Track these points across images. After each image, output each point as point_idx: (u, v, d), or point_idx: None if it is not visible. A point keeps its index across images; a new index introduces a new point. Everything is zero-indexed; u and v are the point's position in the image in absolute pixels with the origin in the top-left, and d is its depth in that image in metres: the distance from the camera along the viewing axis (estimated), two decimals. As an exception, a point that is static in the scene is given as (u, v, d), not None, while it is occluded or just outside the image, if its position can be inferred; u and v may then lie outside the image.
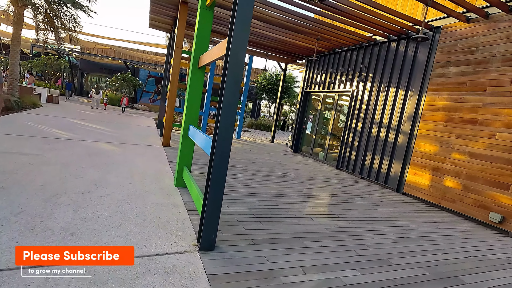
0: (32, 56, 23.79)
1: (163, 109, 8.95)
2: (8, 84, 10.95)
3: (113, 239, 2.41)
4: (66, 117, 10.17)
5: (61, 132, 6.98)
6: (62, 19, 11.34)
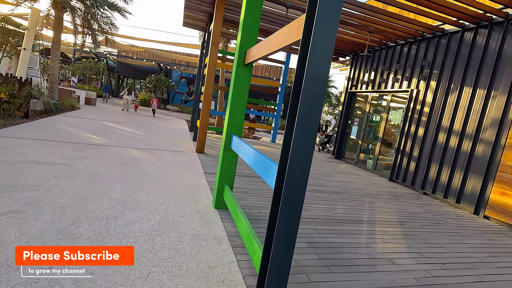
0: (74, 60, 24.97)
1: (198, 112, 8.40)
2: (48, 87, 11.15)
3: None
4: (101, 119, 10.07)
5: (93, 136, 6.67)
6: (99, 21, 11.34)
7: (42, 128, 6.73)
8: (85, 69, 23.46)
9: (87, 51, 22.86)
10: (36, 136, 5.67)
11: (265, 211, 3.67)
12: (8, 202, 2.75)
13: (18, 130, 6.06)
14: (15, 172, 3.57)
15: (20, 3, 9.96)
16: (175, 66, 25.14)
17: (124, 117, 11.91)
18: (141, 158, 5.39)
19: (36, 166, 3.93)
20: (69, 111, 10.74)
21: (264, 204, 3.90)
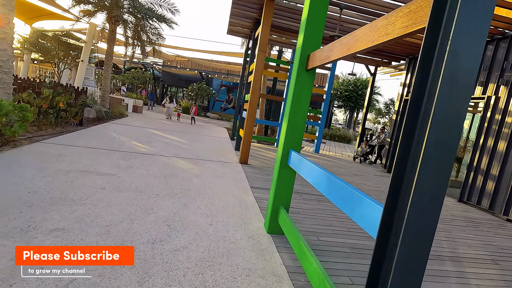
0: (124, 70, 26.78)
1: (242, 121, 8.16)
2: (100, 96, 11.83)
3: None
4: (146, 127, 10.34)
5: (139, 145, 6.72)
6: (147, 33, 11.83)
7: (94, 135, 6.96)
8: (134, 78, 24.99)
9: (136, 62, 24.31)
10: (88, 144, 5.81)
11: (325, 238, 3.17)
12: (56, 217, 2.61)
13: (73, 137, 6.30)
14: (66, 182, 3.52)
15: (80, 18, 10.75)
16: (216, 75, 25.67)
17: (168, 125, 12.16)
18: (186, 168, 5.21)
19: (85, 176, 3.88)
20: (118, 119, 11.24)
21: (322, 229, 3.39)
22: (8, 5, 5.12)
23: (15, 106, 4.77)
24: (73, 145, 5.51)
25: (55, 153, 4.77)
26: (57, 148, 5.12)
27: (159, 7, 11.15)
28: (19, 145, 4.89)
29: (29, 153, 4.56)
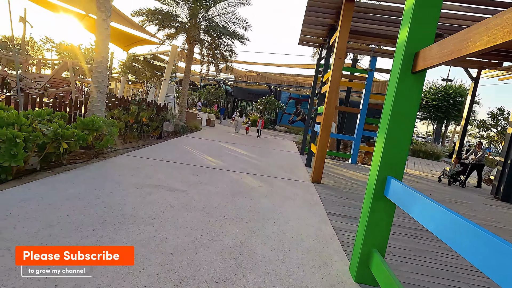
0: (200, 87, 29.04)
1: (313, 135, 7.56)
2: (178, 111, 12.76)
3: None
4: (217, 140, 10.59)
5: (210, 159, 6.74)
6: (221, 50, 12.37)
7: (170, 148, 7.30)
8: (208, 94, 26.82)
9: (210, 79, 26.09)
10: (163, 157, 6.04)
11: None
12: (123, 239, 2.49)
13: (151, 150, 6.68)
14: (138, 198, 3.51)
15: (164, 41, 11.91)
16: (284, 88, 25.63)
17: (237, 139, 12.31)
18: (254, 186, 4.87)
19: (157, 191, 3.86)
20: (192, 132, 11.88)
21: (430, 284, 2.54)
22: (104, 33, 5.76)
23: (105, 122, 5.22)
24: (151, 158, 5.77)
25: (134, 166, 5.01)
26: (136, 161, 5.41)
27: (232, 24, 11.56)
28: (106, 157, 5.32)
29: (113, 165, 4.88)
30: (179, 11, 11.18)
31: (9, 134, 3.09)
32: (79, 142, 4.28)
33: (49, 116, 4.38)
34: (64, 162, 4.43)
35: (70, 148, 4.19)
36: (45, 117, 4.29)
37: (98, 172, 4.36)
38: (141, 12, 10.37)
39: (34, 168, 3.92)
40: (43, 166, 4.08)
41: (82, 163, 4.71)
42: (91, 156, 5.14)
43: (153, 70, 16.70)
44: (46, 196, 3.12)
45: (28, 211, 2.73)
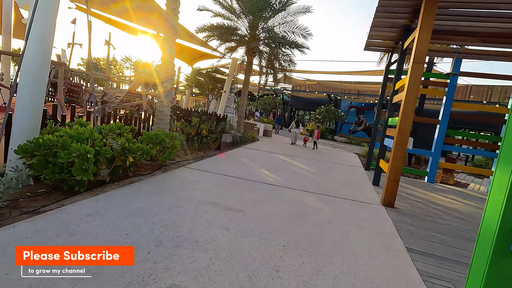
0: (258, 97, 29.49)
1: (382, 149, 6.72)
2: (236, 121, 12.94)
3: None
4: (274, 152, 10.32)
5: (267, 173, 6.46)
6: (279, 60, 12.21)
7: (228, 161, 7.27)
8: (265, 104, 27.02)
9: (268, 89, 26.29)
10: (221, 170, 5.98)
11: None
12: (176, 267, 2.32)
13: (210, 162, 6.72)
14: (195, 218, 3.38)
15: (224, 55, 12.29)
16: (345, 96, 24.31)
17: (294, 151, 11.87)
18: (315, 208, 4.39)
19: (214, 210, 3.70)
20: (250, 143, 11.86)
21: None
22: (170, 50, 6.04)
23: (168, 135, 5.38)
24: (209, 171, 5.76)
25: (193, 179, 5.01)
26: (195, 174, 5.42)
27: (292, 33, 11.32)
28: (168, 170, 5.46)
29: (173, 178, 4.95)
30: (239, 25, 11.43)
31: (81, 150, 3.27)
32: (144, 156, 4.42)
33: (119, 130, 4.65)
34: (130, 175, 4.63)
35: (135, 162, 4.35)
36: (115, 131, 4.57)
37: (159, 185, 4.44)
38: (204, 28, 10.88)
39: (104, 180, 4.16)
40: (112, 178, 4.31)
41: (146, 175, 4.88)
42: (154, 168, 5.33)
43: (215, 82, 17.47)
44: (110, 211, 3.19)
45: (92, 227, 2.78)
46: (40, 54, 3.62)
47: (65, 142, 3.43)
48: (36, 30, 3.54)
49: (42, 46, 3.63)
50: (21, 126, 3.58)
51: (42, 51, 3.64)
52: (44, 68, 3.72)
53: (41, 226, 2.64)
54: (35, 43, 3.55)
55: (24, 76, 3.56)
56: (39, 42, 3.59)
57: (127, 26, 12.87)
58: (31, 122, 3.67)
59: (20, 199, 3.26)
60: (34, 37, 3.54)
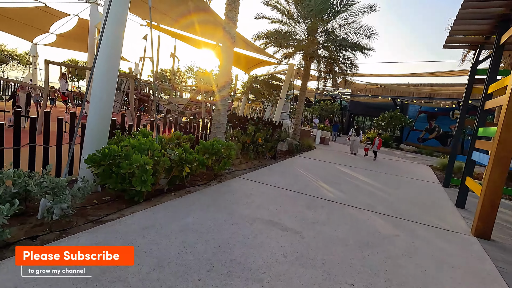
0: (314, 103, 28.61)
1: (470, 164, 5.61)
2: (292, 128, 12.55)
3: None
4: (332, 161, 9.61)
5: (326, 187, 5.93)
6: (339, 64, 11.47)
7: (284, 171, 6.93)
8: (322, 110, 26.00)
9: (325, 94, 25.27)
10: (277, 182, 5.67)
11: None
12: (228, 301, 2.06)
13: (265, 173, 6.48)
14: (249, 237, 3.12)
15: (281, 61, 12.07)
16: (414, 100, 21.90)
17: (355, 161, 10.93)
18: (387, 235, 3.74)
19: (269, 230, 3.39)
20: (306, 151, 11.34)
21: None
22: (228, 59, 6.02)
23: (223, 145, 5.30)
24: (264, 183, 5.50)
25: (247, 191, 4.80)
26: (250, 185, 5.21)
27: (354, 35, 10.52)
28: (223, 180, 5.36)
29: (228, 190, 4.81)
30: (297, 30, 11.10)
31: (141, 161, 3.30)
32: (200, 166, 4.37)
33: (178, 140, 4.70)
34: (186, 184, 4.63)
35: (192, 172, 4.32)
36: (174, 141, 4.63)
37: (214, 197, 4.32)
38: (262, 36, 10.82)
39: (162, 189, 4.21)
40: (170, 187, 4.34)
41: (201, 185, 4.84)
42: (210, 178, 5.28)
43: (270, 89, 17.40)
44: (165, 225, 3.13)
45: (147, 242, 2.71)
46: (108, 67, 3.83)
47: (128, 153, 3.52)
48: (106, 44, 3.74)
49: (110, 60, 3.83)
50: (91, 136, 3.82)
51: (110, 64, 3.84)
52: (112, 80, 3.92)
53: (101, 238, 2.66)
54: (104, 57, 3.77)
55: (95, 89, 3.80)
56: (108, 56, 3.79)
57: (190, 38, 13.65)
58: (100, 132, 3.89)
59: (88, 207, 3.42)
60: (104, 51, 3.75)
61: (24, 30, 15.25)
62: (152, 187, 3.94)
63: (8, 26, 14.71)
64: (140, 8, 10.00)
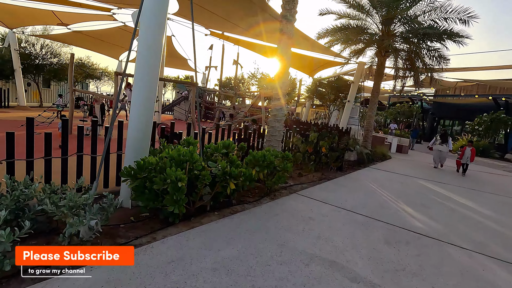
0: (388, 106, 25.58)
1: None
2: (362, 135, 11.02)
3: None
4: (414, 176, 7.88)
5: (410, 211, 4.60)
6: (423, 58, 9.55)
7: (351, 187, 5.78)
8: (398, 113, 22.96)
9: (402, 96, 22.34)
10: (343, 202, 4.62)
11: None
12: None
13: (329, 189, 5.46)
14: (302, 286, 2.27)
15: (349, 60, 10.74)
16: (524, 99, 17.49)
17: (443, 176, 8.86)
18: (523, 303, 2.41)
19: (331, 277, 2.46)
20: (379, 162, 9.73)
21: None
22: (284, 60, 5.28)
23: (278, 156, 4.53)
24: (327, 202, 4.52)
25: (305, 214, 3.92)
26: (309, 205, 4.31)
27: (444, 20, 8.59)
28: (277, 196, 4.59)
29: (281, 210, 4.00)
30: (368, 23, 9.68)
31: (173, 177, 2.79)
32: (247, 182, 3.70)
33: (226, 150, 4.13)
34: (233, 202, 4.01)
35: (238, 188, 3.67)
36: (221, 150, 4.07)
37: (263, 220, 3.57)
38: (327, 33, 9.76)
39: (205, 206, 3.67)
40: (214, 204, 3.78)
41: (251, 202, 4.16)
42: (262, 194, 4.57)
43: (337, 92, 15.97)
44: (196, 259, 2.51)
45: (167, 284, 2.12)
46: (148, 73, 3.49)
47: (164, 165, 3.07)
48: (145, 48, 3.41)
49: (150, 65, 3.48)
50: (131, 145, 3.51)
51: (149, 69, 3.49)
52: (152, 87, 3.57)
53: (116, 272, 2.18)
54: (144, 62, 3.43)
55: (135, 95, 3.49)
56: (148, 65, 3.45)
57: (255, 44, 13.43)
58: (141, 141, 3.57)
59: (122, 225, 3.06)
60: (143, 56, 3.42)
61: (110, 49, 17.38)
62: (193, 205, 3.43)
63: (97, 47, 16.96)
64: (203, 16, 10.11)
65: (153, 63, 3.52)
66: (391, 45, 8.93)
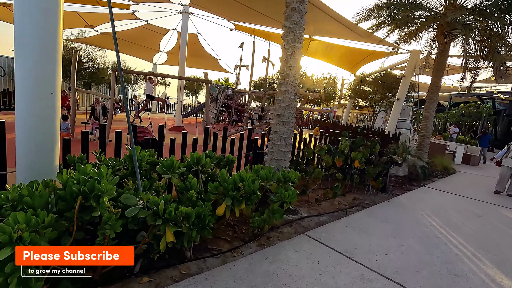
0: (449, 106, 21.73)
1: None
2: (416, 142, 8.66)
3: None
4: (494, 202, 5.51)
5: (482, 264, 2.59)
6: (506, 39, 6.98)
7: (398, 225, 3.85)
8: (462, 116, 19.15)
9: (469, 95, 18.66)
10: (379, 259, 2.80)
11: None
12: None
13: (361, 226, 3.64)
14: None
15: (397, 47, 8.49)
16: None
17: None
18: None
19: None
20: (439, 178, 7.38)
21: None
22: (289, 50, 3.60)
23: (270, 177, 2.89)
24: (352, 258, 2.75)
25: (315, 280, 2.23)
26: (321, 261, 2.59)
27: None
28: (272, 240, 2.95)
29: (265, 274, 2.36)
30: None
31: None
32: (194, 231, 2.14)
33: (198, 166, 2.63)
34: (189, 254, 2.47)
35: (184, 239, 2.15)
36: (177, 169, 2.57)
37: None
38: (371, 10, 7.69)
39: (132, 268, 2.22)
40: (148, 263, 2.30)
41: (223, 253, 2.59)
42: (245, 237, 2.96)
43: (384, 90, 13.50)
44: None
45: None
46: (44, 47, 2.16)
47: (21, 203, 1.70)
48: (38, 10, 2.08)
49: (48, 31, 2.15)
50: (22, 164, 2.21)
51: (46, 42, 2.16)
52: (50, 69, 2.23)
53: None
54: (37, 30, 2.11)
55: (18, 87, 2.19)
56: (45, 33, 2.13)
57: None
58: (36, 154, 2.26)
59: None
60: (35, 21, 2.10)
61: (142, 51, 17.19)
62: (101, 268, 2.01)
63: (129, 50, 16.85)
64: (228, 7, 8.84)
65: (52, 30, 2.19)
66: (460, 21, 6.59)
